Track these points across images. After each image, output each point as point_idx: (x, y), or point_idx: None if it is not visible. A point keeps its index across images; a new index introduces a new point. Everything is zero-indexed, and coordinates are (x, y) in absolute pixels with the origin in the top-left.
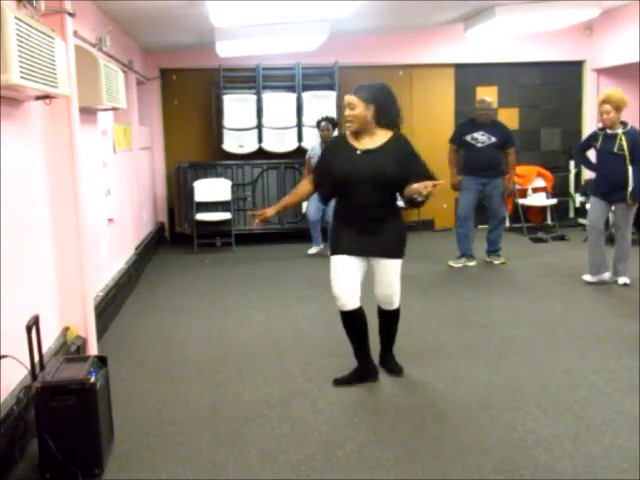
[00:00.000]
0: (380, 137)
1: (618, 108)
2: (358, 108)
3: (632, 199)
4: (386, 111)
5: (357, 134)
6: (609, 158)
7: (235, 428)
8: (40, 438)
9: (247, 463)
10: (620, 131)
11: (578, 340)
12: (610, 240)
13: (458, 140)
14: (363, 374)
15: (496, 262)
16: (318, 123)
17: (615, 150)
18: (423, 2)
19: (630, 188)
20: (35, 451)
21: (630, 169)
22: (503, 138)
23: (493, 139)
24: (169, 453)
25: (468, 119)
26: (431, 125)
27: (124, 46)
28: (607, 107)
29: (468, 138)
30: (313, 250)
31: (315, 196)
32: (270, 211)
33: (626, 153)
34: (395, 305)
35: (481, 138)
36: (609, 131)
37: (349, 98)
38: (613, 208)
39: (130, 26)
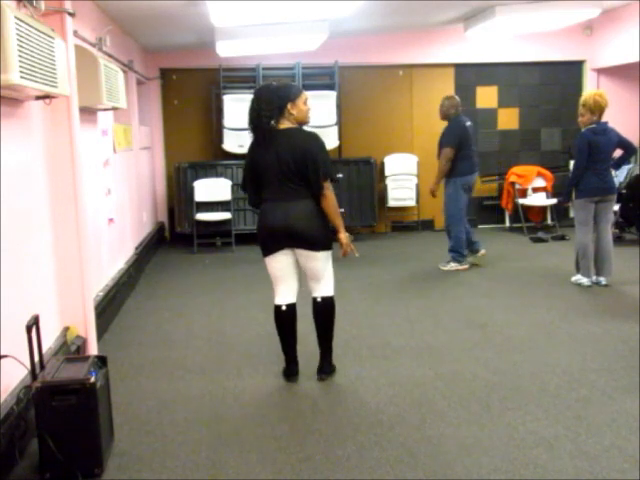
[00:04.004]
0: None
1: (591, 111)
2: None
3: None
4: None
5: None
6: None
7: (235, 428)
8: (40, 438)
9: (247, 463)
10: None
11: (578, 340)
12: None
13: None
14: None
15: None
16: None
17: None
18: (423, 2)
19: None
20: (35, 451)
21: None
22: (441, 137)
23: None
24: (169, 453)
25: None
26: (431, 125)
27: (124, 46)
28: (580, 110)
29: None
30: None
31: None
32: (346, 237)
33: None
34: None
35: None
36: None
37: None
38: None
39: (130, 26)
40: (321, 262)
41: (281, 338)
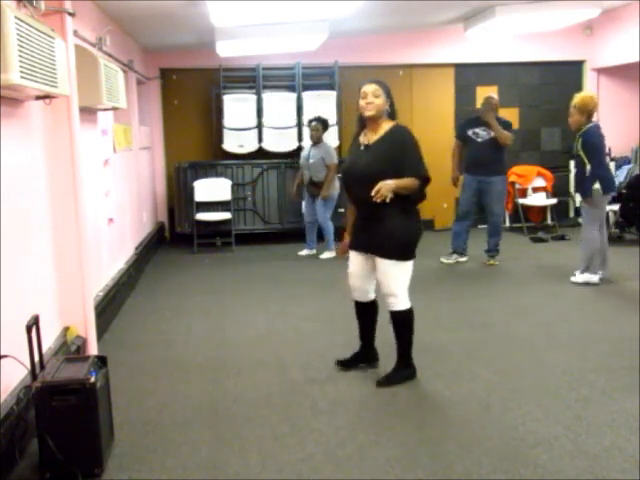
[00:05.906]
0: (382, 129)
1: (581, 111)
2: (381, 98)
3: (583, 198)
4: (393, 107)
5: (369, 126)
6: (575, 160)
7: (235, 428)
8: (40, 438)
9: (247, 463)
10: (578, 134)
11: (578, 340)
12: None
13: (461, 134)
14: (359, 357)
15: (487, 262)
16: (309, 122)
17: (574, 152)
18: (423, 2)
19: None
20: (35, 451)
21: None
22: (504, 125)
23: (492, 133)
24: (169, 453)
25: (475, 116)
26: (431, 125)
27: (124, 46)
28: (571, 110)
29: (470, 132)
30: (304, 252)
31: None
32: (347, 238)
33: (581, 154)
34: (394, 307)
35: (482, 133)
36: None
37: (375, 87)
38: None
39: (130, 26)
40: None
41: (361, 327)
